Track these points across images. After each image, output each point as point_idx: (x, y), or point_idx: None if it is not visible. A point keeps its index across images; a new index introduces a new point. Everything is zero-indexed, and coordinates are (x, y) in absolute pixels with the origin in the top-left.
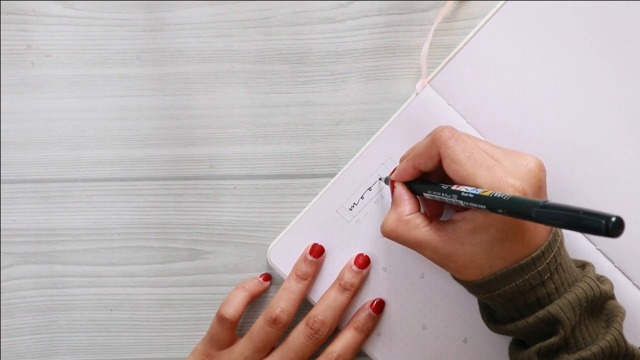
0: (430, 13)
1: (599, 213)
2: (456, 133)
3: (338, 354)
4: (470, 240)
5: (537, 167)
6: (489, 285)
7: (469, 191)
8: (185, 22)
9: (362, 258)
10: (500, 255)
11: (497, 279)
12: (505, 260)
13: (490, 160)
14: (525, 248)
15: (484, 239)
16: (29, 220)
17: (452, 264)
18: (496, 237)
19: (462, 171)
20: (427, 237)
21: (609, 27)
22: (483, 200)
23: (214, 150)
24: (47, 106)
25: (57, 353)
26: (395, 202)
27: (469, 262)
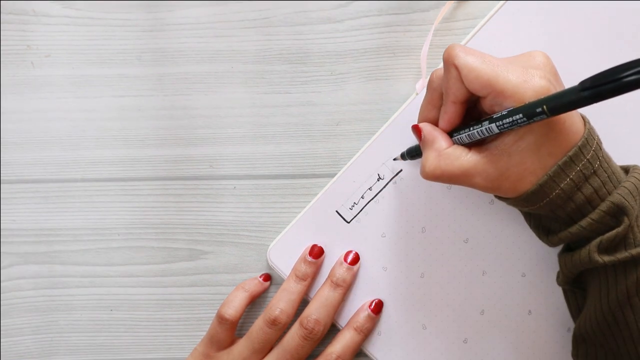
0: (430, 13)
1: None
2: (460, 46)
3: (337, 355)
4: (517, 148)
5: (547, 57)
6: (546, 188)
7: (500, 112)
8: (185, 22)
9: (352, 254)
10: (549, 151)
11: (551, 177)
12: (554, 156)
13: (503, 61)
14: (570, 139)
15: (529, 142)
16: (29, 220)
17: (506, 181)
18: (540, 134)
19: (483, 74)
20: (473, 162)
21: (609, 27)
22: (518, 111)
23: (214, 150)
24: (47, 106)
25: (57, 353)
26: (428, 142)
27: (522, 170)
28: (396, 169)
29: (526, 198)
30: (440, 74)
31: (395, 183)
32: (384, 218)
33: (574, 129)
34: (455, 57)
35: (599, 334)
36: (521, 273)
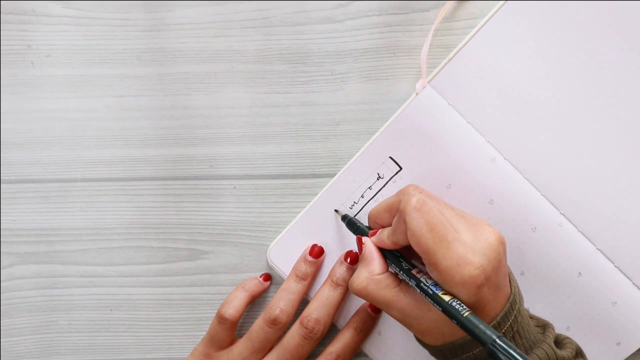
0: (430, 13)
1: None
2: (421, 202)
3: (337, 354)
4: (435, 310)
5: (497, 241)
6: (450, 352)
7: (428, 285)
8: (185, 22)
9: (352, 254)
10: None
11: (456, 347)
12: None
13: (453, 233)
14: (485, 319)
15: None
16: (29, 220)
17: (417, 327)
18: None
19: (423, 244)
20: (396, 298)
21: (609, 27)
22: (440, 303)
23: (214, 150)
24: (47, 106)
25: (57, 353)
26: (365, 260)
27: (433, 327)
28: (396, 169)
29: (431, 350)
30: (407, 202)
31: (395, 182)
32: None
33: (495, 306)
34: (407, 215)
35: None
36: (520, 272)
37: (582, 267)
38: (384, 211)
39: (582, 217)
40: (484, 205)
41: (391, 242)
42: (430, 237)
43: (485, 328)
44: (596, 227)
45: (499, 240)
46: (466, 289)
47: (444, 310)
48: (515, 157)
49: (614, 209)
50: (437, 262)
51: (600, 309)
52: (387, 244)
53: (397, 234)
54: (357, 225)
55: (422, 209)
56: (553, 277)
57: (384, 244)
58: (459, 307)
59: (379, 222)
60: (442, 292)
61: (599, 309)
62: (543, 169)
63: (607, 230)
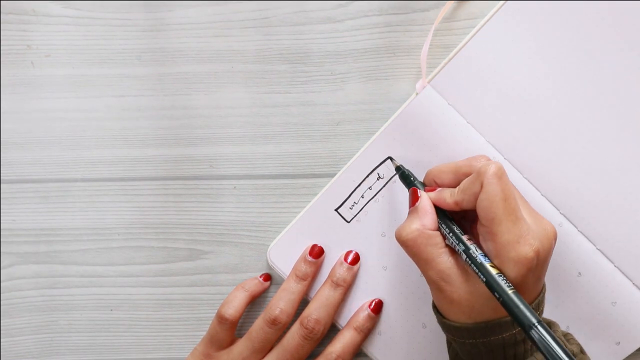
0: (430, 13)
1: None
2: (501, 171)
3: (337, 355)
4: (475, 282)
5: (553, 234)
6: (478, 332)
7: (477, 254)
8: (185, 22)
9: (353, 254)
10: (495, 307)
11: (488, 327)
12: (496, 312)
13: (520, 211)
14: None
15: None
16: (29, 220)
17: (449, 294)
18: None
19: (493, 212)
20: (440, 257)
21: (609, 27)
22: (486, 274)
23: (214, 150)
24: (47, 106)
25: (57, 353)
26: (419, 212)
27: (464, 299)
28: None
29: (455, 328)
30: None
31: (395, 182)
32: (384, 217)
33: (531, 295)
34: (486, 179)
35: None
36: None
37: (582, 267)
38: (449, 171)
39: (582, 217)
40: None
41: (453, 202)
42: (502, 206)
43: (528, 310)
44: (596, 227)
45: (554, 233)
46: (517, 267)
47: (487, 282)
48: (515, 157)
49: (614, 209)
50: (499, 232)
51: (600, 309)
52: (449, 202)
53: (465, 194)
54: (411, 178)
55: (502, 178)
56: (553, 277)
57: (444, 202)
58: (505, 283)
59: (438, 181)
60: (490, 264)
61: (599, 309)
62: (543, 169)
63: (607, 230)
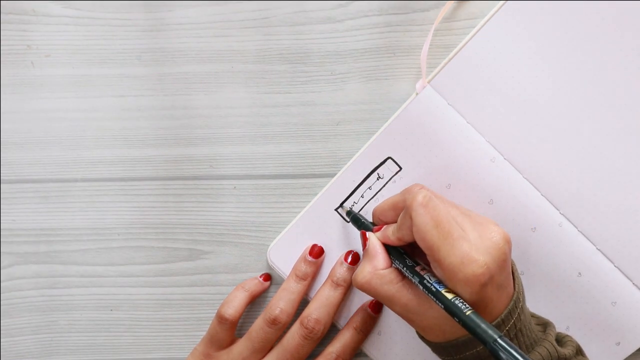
0: (430, 13)
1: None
2: (427, 199)
3: (337, 354)
4: (437, 307)
5: (503, 240)
6: (452, 349)
7: (431, 282)
8: (185, 22)
9: (353, 254)
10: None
11: (459, 344)
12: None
13: (458, 230)
14: (487, 317)
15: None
16: (29, 220)
17: (419, 323)
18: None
19: (428, 240)
20: (399, 293)
21: (609, 27)
22: (442, 301)
23: (214, 150)
24: (47, 106)
25: (57, 353)
26: (369, 255)
27: (435, 324)
28: (396, 169)
29: (433, 346)
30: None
31: (395, 182)
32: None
33: (498, 305)
34: (413, 211)
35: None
36: (520, 271)
37: (582, 267)
38: (388, 208)
39: (582, 217)
40: (484, 205)
41: (396, 239)
42: (436, 233)
43: (487, 327)
44: (596, 227)
45: (505, 239)
46: (470, 287)
47: (446, 308)
48: (515, 157)
49: (614, 209)
50: (441, 258)
51: (600, 309)
52: (392, 240)
53: (402, 230)
54: (361, 221)
55: (428, 205)
56: (553, 277)
57: (388, 240)
58: (461, 305)
59: (383, 219)
60: (445, 290)
61: (599, 309)
62: (543, 169)
63: (607, 230)
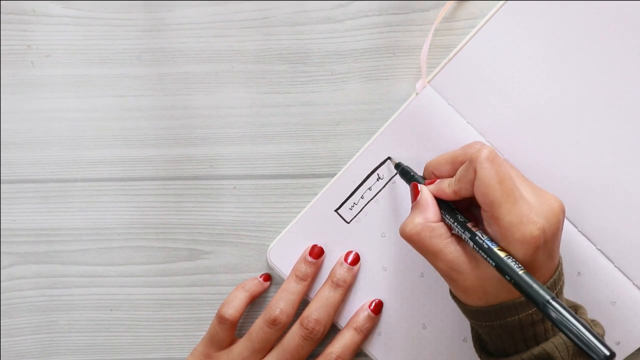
0: (430, 13)
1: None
2: (493, 154)
3: (337, 355)
4: (486, 267)
5: (559, 209)
6: (493, 314)
7: (483, 239)
8: (185, 22)
9: (353, 255)
10: (509, 288)
11: (502, 309)
12: (511, 293)
13: (519, 190)
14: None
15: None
16: (29, 220)
17: (461, 282)
18: None
19: (490, 196)
20: (447, 248)
21: (609, 27)
22: (495, 258)
23: (214, 150)
24: (47, 106)
25: (57, 353)
26: (421, 206)
27: (478, 285)
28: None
29: (472, 311)
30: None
31: (395, 183)
32: (384, 218)
33: (545, 273)
34: (479, 164)
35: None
36: None
37: (581, 267)
38: (446, 162)
39: (582, 217)
40: None
41: (452, 192)
42: (499, 189)
43: (540, 288)
44: (596, 227)
45: (561, 207)
46: (525, 247)
47: (497, 266)
48: (515, 157)
49: (614, 208)
50: (500, 215)
51: (599, 309)
52: (448, 193)
53: (462, 183)
54: (411, 174)
55: (494, 161)
56: None
57: (443, 193)
58: (514, 264)
59: (437, 173)
60: (497, 248)
61: (599, 309)
62: (543, 169)
63: (607, 230)
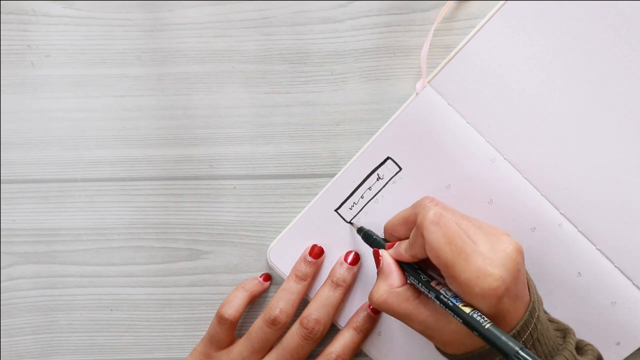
0: (430, 13)
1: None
2: (438, 216)
3: (337, 355)
4: (456, 321)
5: (516, 252)
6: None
7: (448, 297)
8: (185, 22)
9: (353, 255)
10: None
11: (482, 354)
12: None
13: (471, 245)
14: (505, 328)
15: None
16: (29, 220)
17: (439, 338)
18: None
19: (442, 258)
20: (417, 311)
21: (609, 27)
22: (460, 315)
23: (214, 150)
24: (47, 106)
25: (57, 353)
26: (384, 273)
27: (454, 338)
28: (395, 169)
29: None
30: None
31: (395, 183)
32: (383, 218)
33: (515, 315)
34: (425, 230)
35: None
36: None
37: (581, 267)
38: (399, 224)
39: (582, 217)
40: (484, 205)
41: (409, 256)
42: (449, 250)
43: (507, 340)
44: (596, 227)
45: (517, 250)
46: (487, 300)
47: (464, 322)
48: (515, 157)
49: (614, 209)
50: (456, 274)
51: (599, 309)
52: (405, 257)
53: (415, 248)
54: (373, 237)
55: (439, 222)
56: (552, 277)
57: (402, 257)
58: (480, 318)
59: (395, 234)
60: (462, 304)
61: (599, 309)
62: (543, 169)
63: (607, 230)
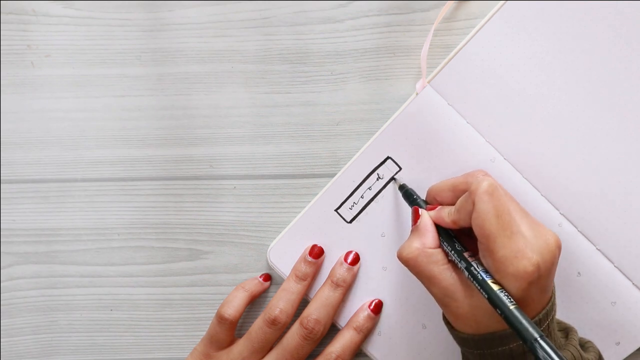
0: (430, 13)
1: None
2: (493, 187)
3: (337, 355)
4: (479, 297)
5: (555, 244)
6: (484, 343)
7: (478, 270)
8: (185, 22)
9: (353, 255)
10: (501, 319)
11: (494, 338)
12: (502, 324)
13: (516, 224)
14: (529, 311)
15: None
16: (29, 220)
17: (454, 309)
18: None
19: (487, 229)
20: (443, 274)
21: (609, 27)
22: (487, 291)
23: (214, 150)
24: (47, 106)
25: (57, 353)
26: (420, 231)
27: (471, 313)
28: (395, 169)
29: (463, 338)
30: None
31: (395, 183)
32: (384, 218)
33: (538, 306)
34: (477, 197)
35: None
36: None
37: (581, 267)
38: (447, 189)
39: (582, 217)
40: None
41: (451, 221)
42: (495, 223)
43: (529, 325)
44: (596, 227)
45: (557, 244)
46: (518, 282)
47: (489, 298)
48: (514, 157)
49: (614, 209)
50: (495, 249)
51: (599, 309)
52: (447, 221)
53: (460, 213)
54: (414, 197)
55: (493, 194)
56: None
57: (442, 221)
58: (506, 298)
59: (438, 199)
60: (491, 281)
61: (599, 309)
62: (543, 169)
63: (607, 230)
